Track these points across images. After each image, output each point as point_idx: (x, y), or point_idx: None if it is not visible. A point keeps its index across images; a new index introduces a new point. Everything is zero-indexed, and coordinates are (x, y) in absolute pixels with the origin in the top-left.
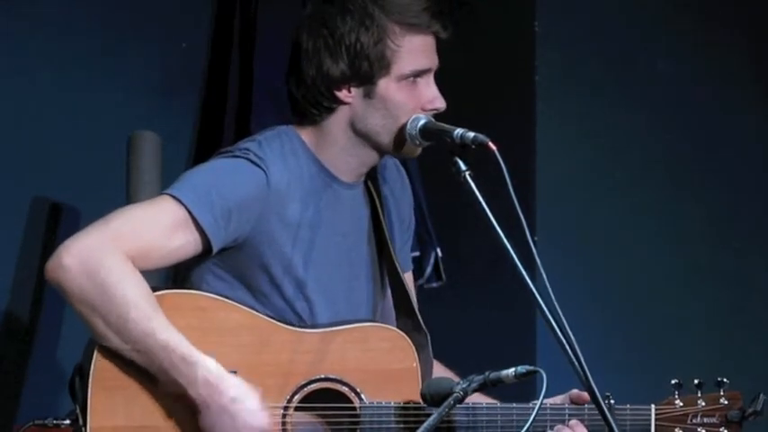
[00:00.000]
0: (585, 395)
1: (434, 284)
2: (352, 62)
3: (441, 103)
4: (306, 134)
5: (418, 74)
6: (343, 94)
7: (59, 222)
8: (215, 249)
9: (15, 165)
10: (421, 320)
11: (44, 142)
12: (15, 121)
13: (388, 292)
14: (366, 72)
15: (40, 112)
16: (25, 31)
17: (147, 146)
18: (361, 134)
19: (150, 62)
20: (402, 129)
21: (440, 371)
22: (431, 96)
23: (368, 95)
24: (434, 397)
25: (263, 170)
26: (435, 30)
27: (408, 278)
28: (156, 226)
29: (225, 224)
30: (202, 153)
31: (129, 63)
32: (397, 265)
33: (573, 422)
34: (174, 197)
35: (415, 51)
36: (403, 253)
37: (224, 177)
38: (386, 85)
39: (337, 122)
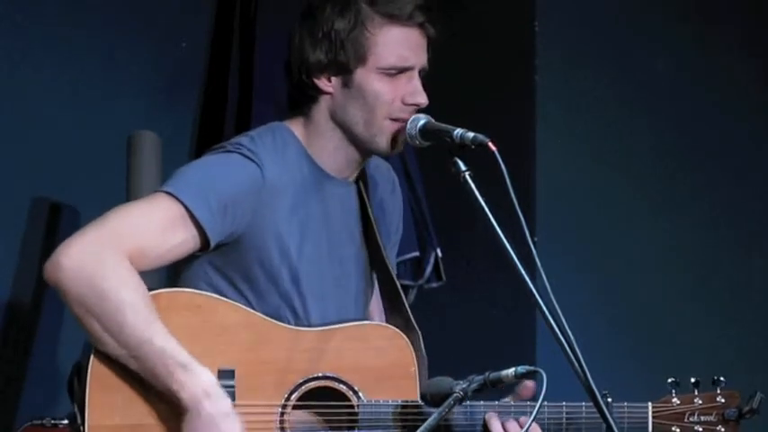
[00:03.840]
0: (528, 391)
1: (434, 284)
2: (328, 50)
3: (422, 99)
4: (297, 128)
5: (400, 70)
6: (322, 83)
7: (59, 222)
8: (212, 244)
9: (15, 165)
10: (412, 319)
11: (44, 142)
12: (15, 121)
13: (376, 291)
14: (342, 61)
15: (40, 112)
16: (25, 31)
17: (147, 146)
18: (341, 126)
19: (150, 62)
20: (379, 123)
21: None
22: (411, 90)
23: (346, 85)
24: (434, 397)
25: (256, 164)
26: (419, 22)
27: None
28: (152, 224)
29: (221, 218)
30: (202, 153)
31: (129, 63)
32: (388, 264)
33: (522, 419)
34: (169, 194)
35: (393, 44)
36: (390, 255)
37: (218, 172)
38: (363, 75)
39: (320, 112)
